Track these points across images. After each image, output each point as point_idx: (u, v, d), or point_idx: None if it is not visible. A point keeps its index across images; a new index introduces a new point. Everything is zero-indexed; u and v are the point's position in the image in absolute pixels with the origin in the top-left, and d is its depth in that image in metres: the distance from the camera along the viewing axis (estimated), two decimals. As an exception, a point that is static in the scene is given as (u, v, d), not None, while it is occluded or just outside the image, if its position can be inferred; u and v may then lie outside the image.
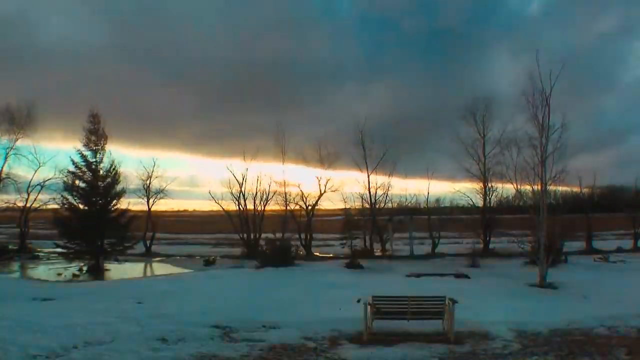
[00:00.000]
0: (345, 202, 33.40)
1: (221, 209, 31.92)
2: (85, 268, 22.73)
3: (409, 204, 33.43)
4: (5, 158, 31.18)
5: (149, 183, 33.25)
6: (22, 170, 32.39)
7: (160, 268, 25.34)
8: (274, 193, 31.78)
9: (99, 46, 65.83)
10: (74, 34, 69.10)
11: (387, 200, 33.02)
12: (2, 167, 31.25)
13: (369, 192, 32.21)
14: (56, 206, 28.47)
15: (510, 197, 31.55)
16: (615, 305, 12.65)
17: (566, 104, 19.08)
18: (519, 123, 19.70)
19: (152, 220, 32.53)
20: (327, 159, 31.71)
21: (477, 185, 31.41)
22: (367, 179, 32.19)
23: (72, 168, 24.67)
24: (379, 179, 32.46)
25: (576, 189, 32.48)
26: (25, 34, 65.68)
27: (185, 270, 23.12)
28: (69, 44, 65.95)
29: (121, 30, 71.91)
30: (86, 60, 62.14)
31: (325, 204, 33.59)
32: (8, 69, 52.71)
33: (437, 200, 34.98)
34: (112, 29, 71.08)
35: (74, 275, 21.55)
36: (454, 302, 9.32)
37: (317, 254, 30.03)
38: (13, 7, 65.31)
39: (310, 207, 31.77)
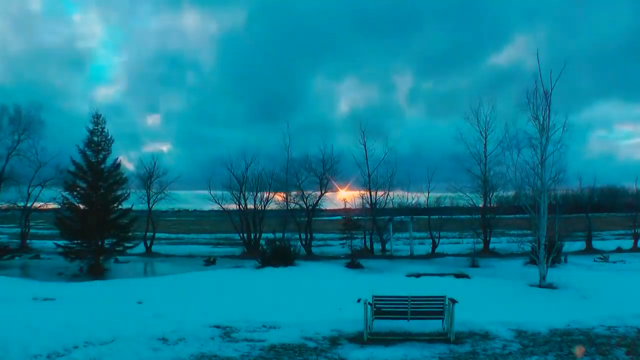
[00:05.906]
0: (345, 201, 33.49)
1: (221, 208, 32.04)
2: (85, 268, 22.71)
3: (409, 204, 33.48)
4: (7, 158, 31.23)
5: (150, 182, 33.20)
6: (23, 170, 32.36)
7: (160, 268, 25.33)
8: (274, 192, 31.91)
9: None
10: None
11: (387, 200, 33.10)
12: (3, 167, 31.28)
13: (370, 193, 32.31)
14: (57, 206, 28.48)
15: (511, 197, 31.58)
16: (615, 305, 12.64)
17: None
18: (519, 123, 19.58)
19: (153, 220, 32.51)
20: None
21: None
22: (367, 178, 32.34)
23: (72, 169, 24.56)
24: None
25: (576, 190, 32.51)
26: None
27: (185, 270, 23.11)
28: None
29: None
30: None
31: (325, 204, 33.68)
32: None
33: (437, 200, 34.97)
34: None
35: (74, 275, 21.55)
36: (454, 302, 9.34)
37: (317, 254, 30.01)
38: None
39: (310, 207, 31.76)
